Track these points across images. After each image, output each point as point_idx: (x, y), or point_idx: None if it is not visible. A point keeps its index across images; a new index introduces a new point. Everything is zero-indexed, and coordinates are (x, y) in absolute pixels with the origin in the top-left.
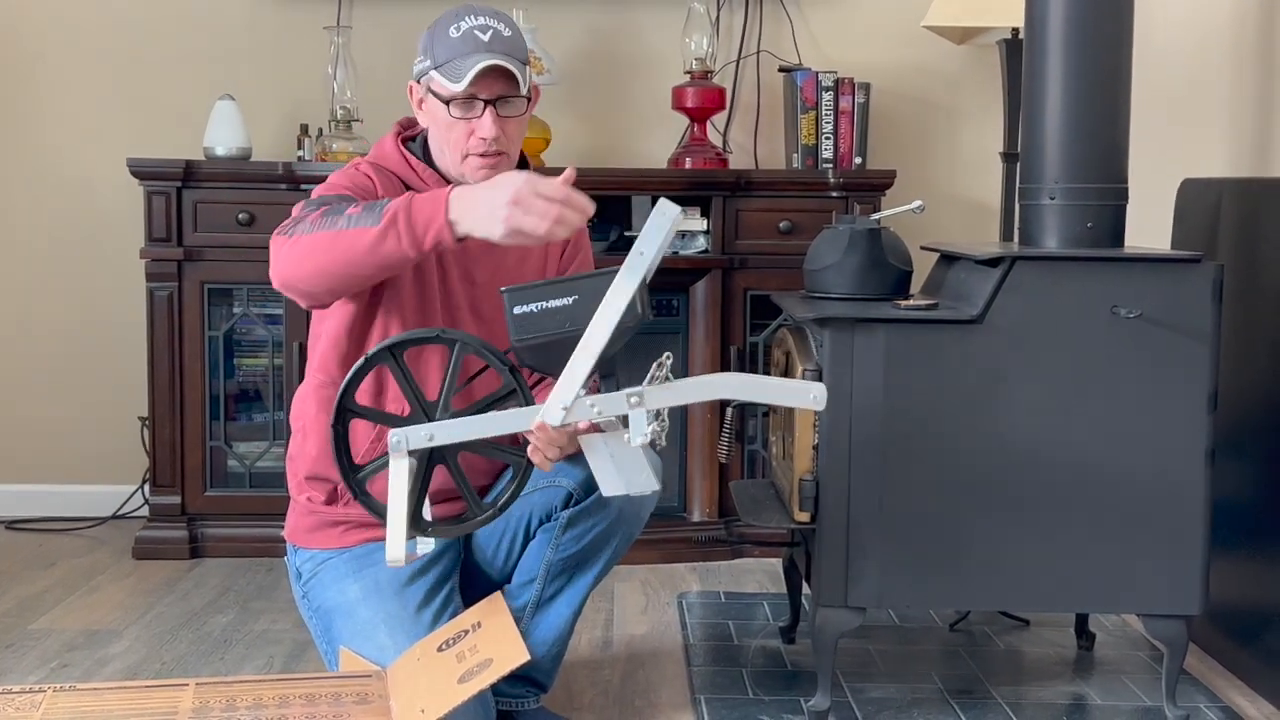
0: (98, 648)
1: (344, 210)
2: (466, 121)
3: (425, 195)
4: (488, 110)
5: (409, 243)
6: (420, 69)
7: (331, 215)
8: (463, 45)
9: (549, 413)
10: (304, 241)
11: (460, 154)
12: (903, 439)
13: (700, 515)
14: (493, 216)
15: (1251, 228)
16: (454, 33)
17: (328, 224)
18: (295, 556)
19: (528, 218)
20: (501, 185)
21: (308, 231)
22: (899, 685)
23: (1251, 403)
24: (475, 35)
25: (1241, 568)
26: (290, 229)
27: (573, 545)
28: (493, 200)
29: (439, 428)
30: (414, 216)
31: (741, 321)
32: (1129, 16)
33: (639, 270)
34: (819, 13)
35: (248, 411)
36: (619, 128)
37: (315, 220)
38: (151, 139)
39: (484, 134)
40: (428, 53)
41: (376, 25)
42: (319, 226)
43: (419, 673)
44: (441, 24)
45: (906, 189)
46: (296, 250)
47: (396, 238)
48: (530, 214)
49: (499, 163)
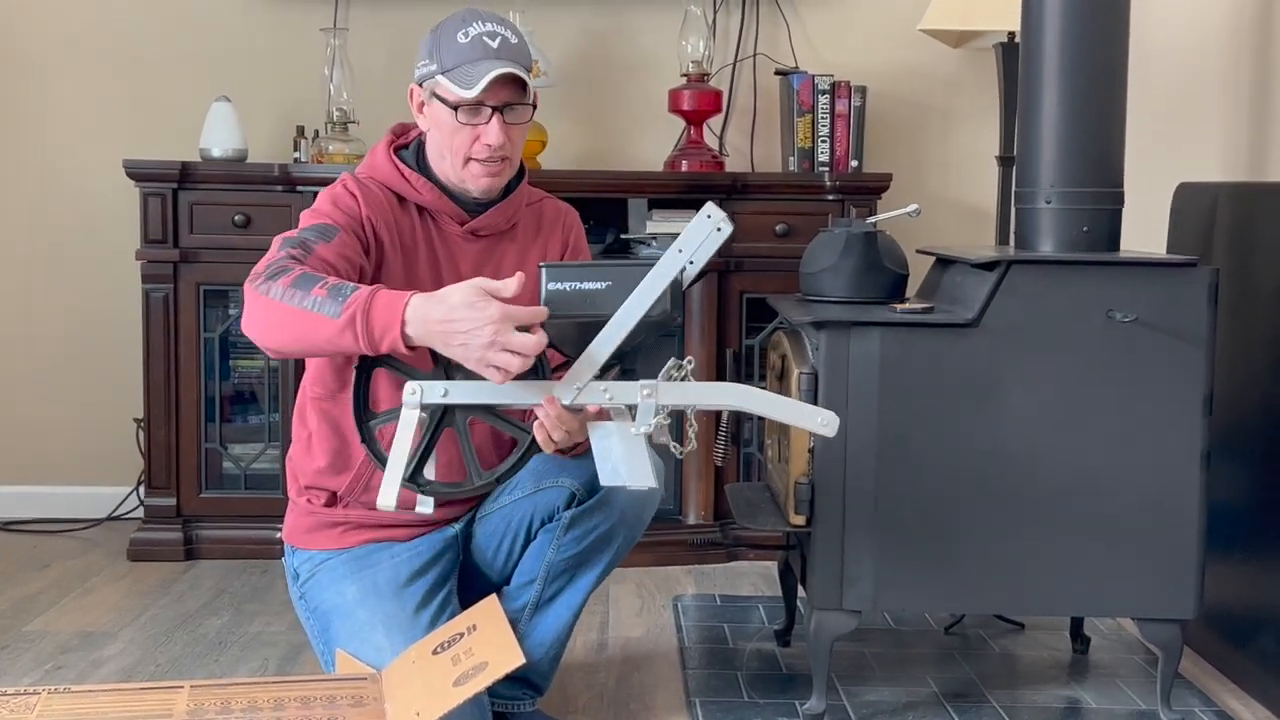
0: (92, 650)
1: (311, 288)
2: (472, 127)
3: (384, 299)
4: (495, 117)
5: (365, 343)
6: (425, 73)
7: (299, 288)
8: (472, 51)
9: (562, 389)
10: (272, 309)
11: (462, 159)
12: (898, 442)
13: (696, 518)
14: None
15: (1247, 232)
16: (462, 38)
17: (295, 298)
18: (293, 557)
19: (502, 357)
20: (464, 318)
21: (277, 297)
22: (894, 688)
23: (1247, 406)
24: (484, 41)
25: (1236, 571)
26: (262, 284)
27: (574, 546)
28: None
29: (454, 386)
30: (371, 321)
31: (737, 324)
32: (1125, 20)
33: (673, 268)
34: (815, 16)
35: (243, 413)
36: (615, 130)
37: (285, 287)
38: (147, 140)
39: (491, 141)
40: (433, 57)
41: (373, 27)
42: (287, 297)
43: (414, 675)
44: (447, 29)
45: (902, 192)
46: (264, 316)
47: (354, 336)
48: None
49: (501, 169)
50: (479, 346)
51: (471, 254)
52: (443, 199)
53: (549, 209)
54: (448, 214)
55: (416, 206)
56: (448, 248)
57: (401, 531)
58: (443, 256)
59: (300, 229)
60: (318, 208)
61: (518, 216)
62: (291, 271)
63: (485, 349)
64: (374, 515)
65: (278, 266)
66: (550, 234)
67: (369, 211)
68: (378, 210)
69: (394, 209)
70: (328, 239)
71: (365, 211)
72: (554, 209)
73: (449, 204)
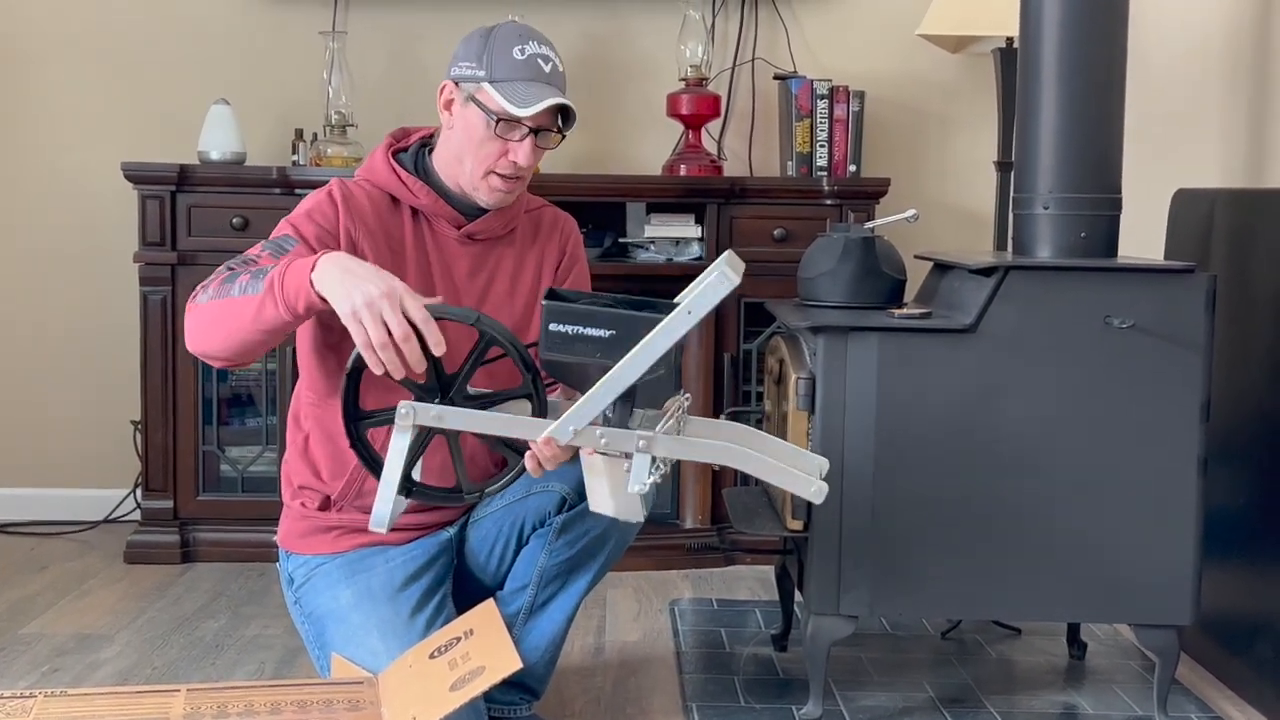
0: (89, 652)
1: (237, 278)
2: (504, 142)
3: (300, 262)
4: (529, 139)
5: (285, 308)
6: (468, 74)
7: (229, 282)
8: (527, 70)
9: (558, 430)
10: (204, 311)
11: (484, 170)
12: (895, 447)
13: (693, 522)
14: (352, 293)
15: (1244, 238)
16: (518, 54)
17: (224, 291)
18: (288, 562)
19: (375, 322)
20: (372, 277)
21: (207, 300)
22: (891, 694)
23: (1244, 413)
24: (539, 64)
25: (1233, 577)
26: (200, 292)
27: (566, 550)
28: (366, 278)
29: (449, 412)
30: (286, 282)
31: (735, 329)
32: (1123, 27)
33: (682, 328)
34: (814, 21)
35: (240, 416)
36: (614, 134)
37: (216, 288)
38: (146, 143)
39: (520, 160)
40: (482, 62)
41: (372, 31)
42: (218, 294)
43: (411, 680)
44: (501, 39)
45: (901, 197)
46: (198, 321)
47: (274, 303)
48: (380, 319)
49: (516, 186)
50: (365, 295)
51: (467, 258)
52: (439, 203)
53: (548, 216)
54: (443, 217)
55: (411, 210)
56: (441, 251)
57: (396, 536)
58: (435, 260)
59: (264, 241)
60: (292, 215)
61: (515, 222)
62: (222, 275)
63: (370, 299)
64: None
65: (212, 277)
66: (548, 241)
67: (348, 221)
68: (360, 217)
69: (385, 213)
70: (276, 255)
71: (344, 221)
72: (552, 216)
73: (445, 208)
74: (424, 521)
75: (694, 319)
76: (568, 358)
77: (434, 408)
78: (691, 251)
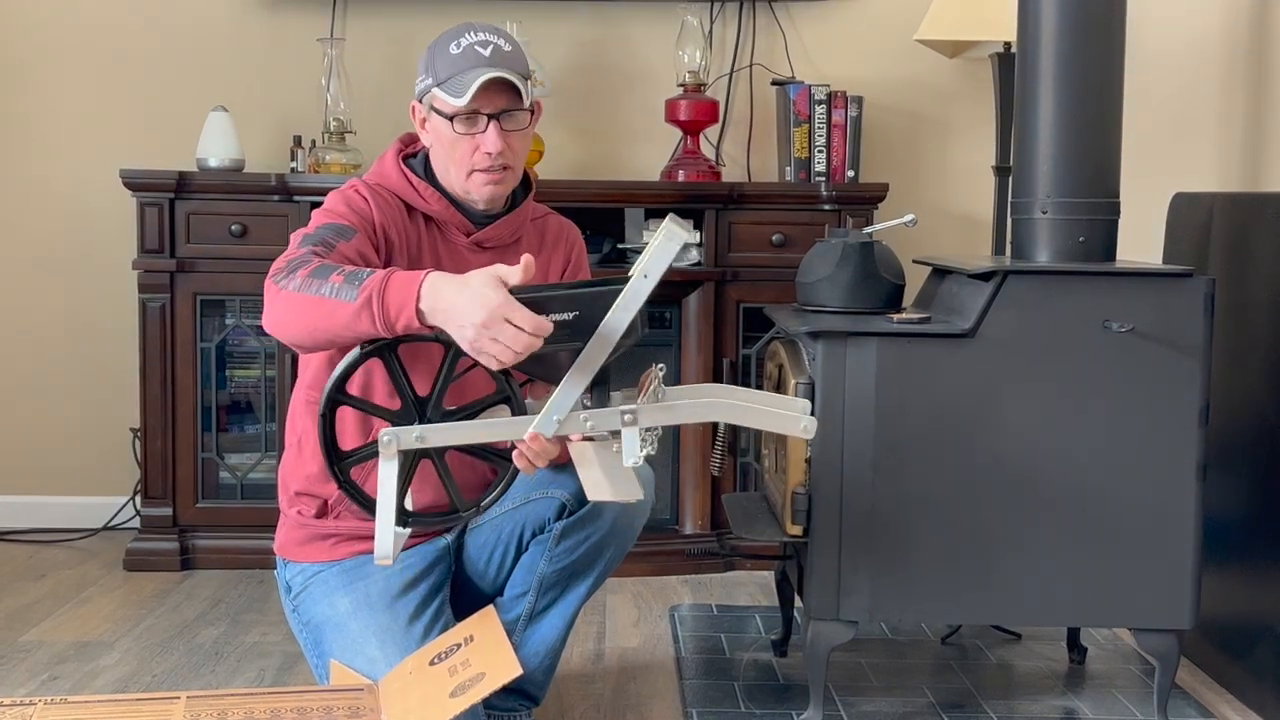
0: (88, 660)
1: (329, 275)
2: (471, 137)
3: (400, 278)
4: (491, 124)
5: (383, 325)
6: (422, 87)
7: (318, 278)
8: (464, 61)
9: (542, 424)
10: (292, 301)
11: (465, 170)
12: (895, 452)
13: (692, 528)
14: (461, 329)
15: (1242, 242)
16: (454, 49)
17: (313, 287)
18: (285, 570)
19: (494, 344)
20: (476, 297)
21: (296, 289)
22: (891, 698)
23: (1242, 417)
24: (476, 51)
25: (1233, 581)
26: (282, 278)
27: (566, 557)
28: (464, 311)
29: (430, 430)
30: (387, 301)
31: (734, 334)
32: (1121, 31)
33: (643, 294)
34: (812, 26)
35: (240, 423)
36: (612, 140)
37: (304, 279)
38: (144, 150)
39: (489, 148)
40: (429, 70)
41: (369, 37)
42: (305, 287)
43: (411, 686)
44: (441, 42)
45: (899, 202)
46: (285, 308)
47: (371, 319)
48: (498, 341)
49: (504, 177)
50: (472, 327)
51: (478, 265)
52: (450, 209)
53: (553, 224)
54: (454, 224)
55: (424, 216)
56: (454, 258)
57: None
58: (449, 267)
59: (317, 226)
60: (331, 208)
61: (522, 230)
62: (310, 264)
63: (478, 331)
64: (365, 526)
65: (299, 261)
66: (554, 249)
67: (380, 216)
68: (389, 215)
69: (403, 216)
70: (346, 238)
71: (377, 216)
72: (557, 224)
73: (456, 214)
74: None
75: (651, 282)
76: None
77: (415, 429)
78: (690, 257)
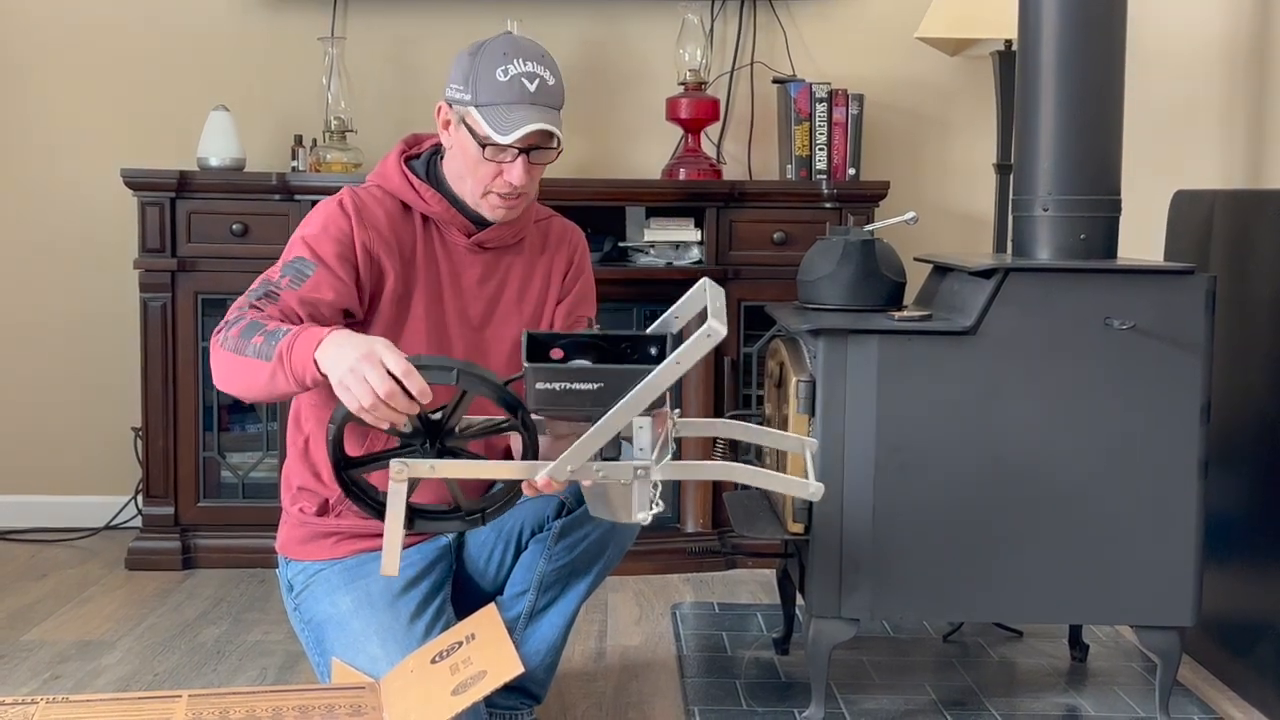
0: (90, 659)
1: (253, 335)
2: (496, 164)
3: (306, 335)
4: (520, 159)
5: (294, 382)
6: (458, 97)
7: (244, 337)
8: (509, 92)
9: (555, 470)
10: (223, 360)
11: (482, 189)
12: (896, 450)
13: (694, 526)
14: (335, 368)
15: (1243, 239)
16: (501, 76)
17: (240, 347)
18: (287, 569)
19: (357, 383)
20: (362, 343)
21: (229, 349)
22: (892, 696)
23: (1244, 414)
24: (523, 84)
25: (1234, 579)
26: (221, 335)
27: (565, 555)
28: (346, 353)
29: (443, 464)
30: (293, 359)
31: (735, 332)
32: (1122, 29)
33: (669, 379)
34: (813, 24)
35: (241, 422)
36: (613, 138)
37: (235, 338)
38: (145, 149)
39: (515, 181)
40: (469, 85)
41: (370, 36)
42: (236, 348)
43: (413, 684)
44: (487, 58)
45: (900, 200)
46: (220, 366)
47: (285, 377)
48: (364, 381)
49: (519, 204)
50: (345, 364)
51: (477, 265)
52: (450, 211)
53: (556, 226)
54: (455, 225)
55: (422, 217)
56: (451, 259)
57: None
58: (445, 269)
59: (282, 263)
60: (307, 232)
61: (524, 232)
62: (243, 321)
63: (348, 368)
64: (366, 525)
65: (234, 320)
66: (556, 252)
67: (362, 234)
68: (374, 226)
69: (396, 219)
70: (298, 284)
71: (359, 235)
72: (561, 227)
73: (456, 216)
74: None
75: (682, 369)
76: (558, 411)
77: (427, 461)
78: (691, 255)
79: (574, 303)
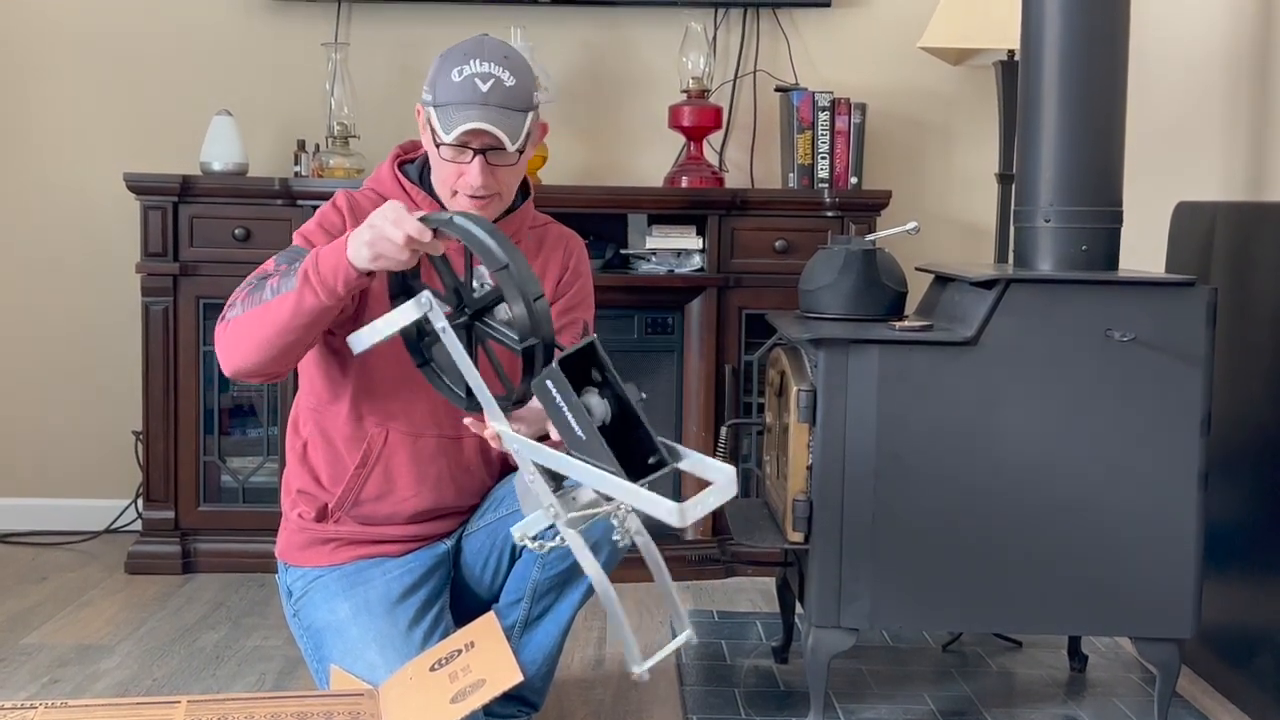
0: (89, 663)
1: (265, 285)
2: (456, 164)
3: (329, 246)
4: (477, 159)
5: (325, 293)
6: (425, 99)
7: (257, 291)
8: (460, 93)
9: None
10: (238, 324)
11: (449, 189)
12: (896, 460)
13: (694, 534)
14: (360, 247)
15: (1245, 251)
16: (455, 76)
17: (255, 300)
18: (286, 575)
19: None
20: (372, 216)
21: (239, 314)
22: (891, 706)
23: (1244, 426)
24: (475, 84)
25: (1234, 591)
26: (228, 311)
27: (558, 564)
28: (362, 230)
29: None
30: (321, 268)
31: (736, 340)
32: (1124, 40)
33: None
34: (816, 33)
35: (242, 427)
36: (615, 146)
37: (244, 300)
38: (148, 154)
39: (473, 181)
40: (432, 87)
41: (374, 42)
42: (248, 305)
43: (411, 692)
44: (449, 60)
45: (902, 210)
46: (233, 336)
47: (313, 292)
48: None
49: (488, 204)
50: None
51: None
52: None
53: (553, 232)
54: None
55: None
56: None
57: (394, 547)
58: None
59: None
60: (304, 229)
61: (519, 236)
62: (245, 289)
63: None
64: (366, 531)
65: (234, 299)
66: (551, 254)
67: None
68: None
69: None
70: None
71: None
72: (558, 233)
73: None
74: (422, 533)
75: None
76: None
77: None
78: (693, 263)
79: (568, 305)
